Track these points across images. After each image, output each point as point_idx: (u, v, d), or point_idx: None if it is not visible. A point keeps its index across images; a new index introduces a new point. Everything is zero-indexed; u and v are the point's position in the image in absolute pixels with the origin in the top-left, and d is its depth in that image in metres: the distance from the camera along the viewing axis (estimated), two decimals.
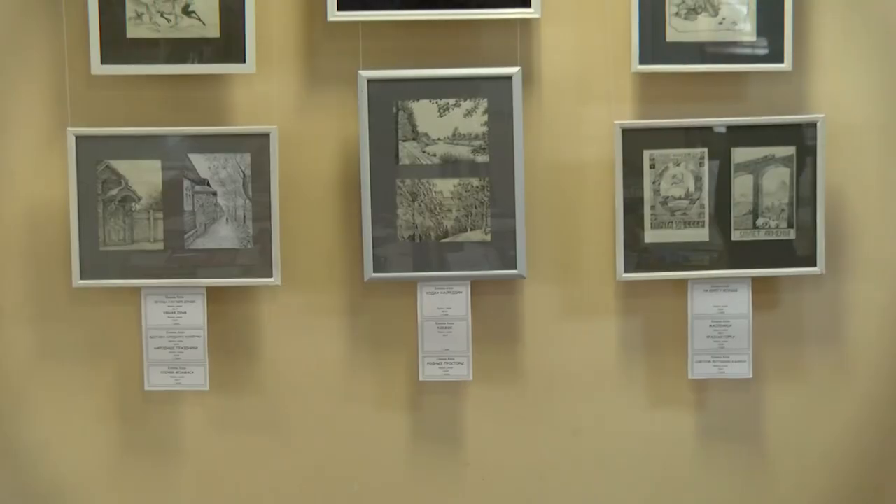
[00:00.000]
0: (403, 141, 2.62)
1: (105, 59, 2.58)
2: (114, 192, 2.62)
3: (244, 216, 2.64)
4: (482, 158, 2.62)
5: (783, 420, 2.77)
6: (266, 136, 2.62)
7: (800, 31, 2.65)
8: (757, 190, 2.65)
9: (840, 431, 2.79)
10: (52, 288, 2.70)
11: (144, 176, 2.62)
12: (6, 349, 2.73)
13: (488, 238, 2.64)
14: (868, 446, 2.80)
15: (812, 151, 2.64)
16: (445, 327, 2.67)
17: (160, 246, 2.64)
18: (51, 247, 2.69)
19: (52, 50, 2.64)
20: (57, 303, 2.71)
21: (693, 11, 2.62)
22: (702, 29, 2.62)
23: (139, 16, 2.59)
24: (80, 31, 2.59)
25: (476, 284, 2.67)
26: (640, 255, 2.66)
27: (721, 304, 2.67)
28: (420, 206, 2.64)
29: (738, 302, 2.67)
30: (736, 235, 2.66)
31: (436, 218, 2.64)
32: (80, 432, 2.75)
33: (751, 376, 2.69)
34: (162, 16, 2.59)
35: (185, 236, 2.64)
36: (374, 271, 2.63)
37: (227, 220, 2.64)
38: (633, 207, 2.65)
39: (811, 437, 2.78)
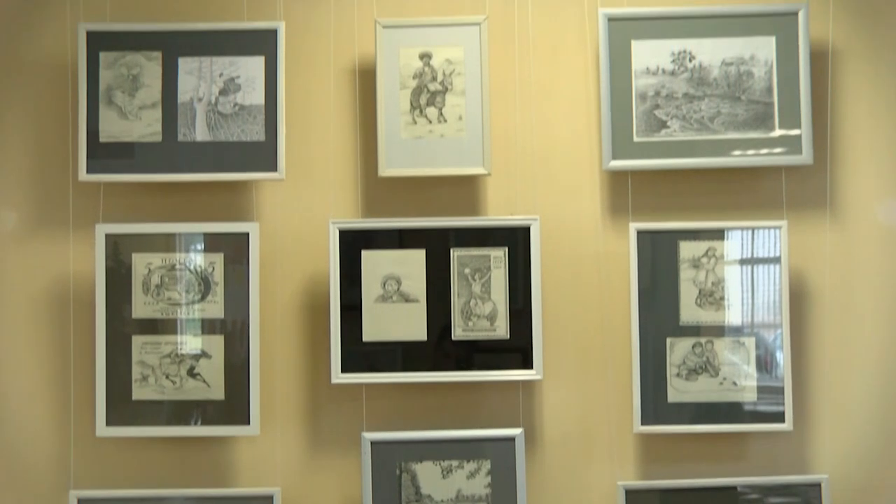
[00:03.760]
0: None
1: (110, 422, 2.60)
2: None
3: None
4: None
5: None
6: (269, 497, 2.61)
7: (798, 371, 2.67)
8: None
9: None
10: None
11: None
12: None
13: None
14: None
15: None
16: None
17: None
18: None
19: (58, 412, 2.66)
20: None
21: (694, 372, 2.65)
22: (703, 389, 2.65)
23: (145, 378, 2.61)
24: (87, 393, 2.62)
25: None
26: None
27: None
28: None
29: None
30: None
31: None
32: None
33: None
34: (167, 378, 2.62)
35: None
36: None
37: None
38: None
39: None
